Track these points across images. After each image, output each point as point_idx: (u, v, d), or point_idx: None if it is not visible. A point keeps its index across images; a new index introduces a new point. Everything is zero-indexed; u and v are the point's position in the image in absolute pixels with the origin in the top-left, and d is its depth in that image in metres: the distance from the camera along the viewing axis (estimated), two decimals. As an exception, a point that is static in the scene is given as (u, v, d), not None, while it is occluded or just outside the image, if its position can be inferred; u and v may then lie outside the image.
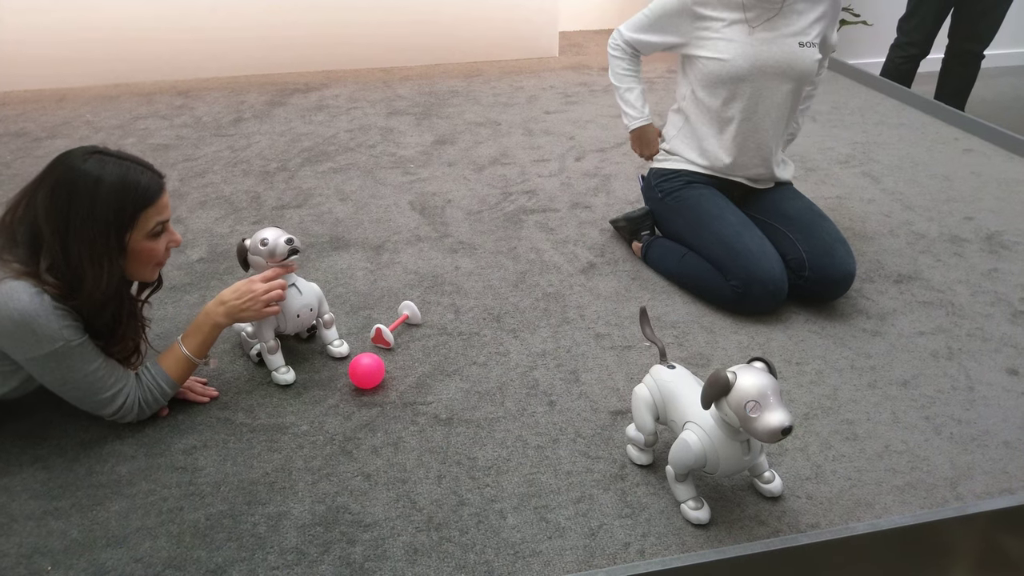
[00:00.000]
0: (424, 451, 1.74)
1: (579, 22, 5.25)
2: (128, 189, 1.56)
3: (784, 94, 2.26)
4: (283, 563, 1.47)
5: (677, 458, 1.52)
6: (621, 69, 2.47)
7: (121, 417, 1.72)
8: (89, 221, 1.54)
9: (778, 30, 2.21)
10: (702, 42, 2.25)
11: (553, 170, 3.14)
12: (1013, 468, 1.71)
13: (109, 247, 1.56)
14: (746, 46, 2.20)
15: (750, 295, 2.17)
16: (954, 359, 2.06)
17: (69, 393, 1.64)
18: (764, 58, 2.21)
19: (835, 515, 1.58)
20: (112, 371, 1.66)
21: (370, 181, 3.03)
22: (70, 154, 1.58)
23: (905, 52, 3.91)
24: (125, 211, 1.57)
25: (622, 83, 2.48)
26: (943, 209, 2.84)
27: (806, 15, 2.23)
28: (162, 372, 1.75)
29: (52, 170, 1.56)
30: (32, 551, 1.49)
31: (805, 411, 1.87)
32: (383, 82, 4.18)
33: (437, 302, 2.28)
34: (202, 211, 2.76)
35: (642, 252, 2.48)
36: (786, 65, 2.22)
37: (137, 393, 1.71)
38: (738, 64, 2.20)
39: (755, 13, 2.20)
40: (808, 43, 2.23)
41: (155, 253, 1.66)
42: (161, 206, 1.63)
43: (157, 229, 1.63)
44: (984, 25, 3.76)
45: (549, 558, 1.48)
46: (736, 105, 2.26)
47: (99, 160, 1.56)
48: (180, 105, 3.80)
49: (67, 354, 1.57)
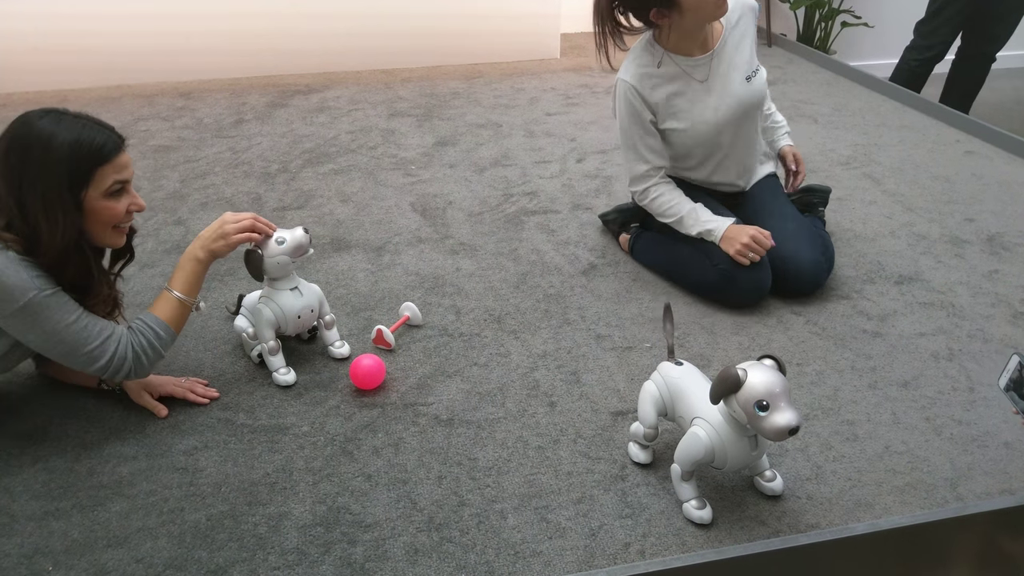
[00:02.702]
0: (425, 452, 1.74)
1: (581, 24, 5.24)
2: (83, 145, 1.56)
3: (747, 125, 2.32)
4: (284, 563, 1.47)
5: (685, 453, 1.52)
6: (667, 201, 2.30)
7: (117, 370, 1.66)
8: (42, 175, 1.54)
9: (723, 75, 2.24)
10: (666, 118, 2.27)
11: (554, 172, 3.14)
12: (1013, 469, 1.71)
13: (63, 201, 1.56)
14: (702, 111, 2.24)
15: (738, 280, 2.19)
16: (955, 360, 2.06)
17: (56, 349, 1.60)
18: (720, 115, 2.24)
19: (835, 515, 1.58)
20: (96, 322, 1.63)
21: (371, 182, 3.03)
22: (27, 114, 1.59)
23: (922, 55, 3.88)
24: (80, 167, 1.57)
25: (682, 207, 2.28)
26: (944, 211, 2.84)
27: (740, 47, 2.26)
28: (151, 315, 1.71)
29: (9, 129, 1.57)
30: (33, 551, 1.49)
31: (806, 412, 1.87)
32: (384, 84, 4.18)
33: (438, 303, 2.28)
34: (203, 212, 2.77)
35: (629, 244, 2.49)
36: (740, 103, 2.26)
37: (128, 340, 1.66)
38: (700, 130, 2.25)
39: (697, 71, 2.23)
40: (751, 73, 2.27)
41: (114, 213, 1.64)
42: (119, 165, 1.62)
43: (115, 188, 1.63)
44: (1001, 28, 3.76)
45: (549, 558, 1.49)
46: (707, 153, 2.33)
47: (55, 117, 1.57)
48: (181, 107, 3.81)
49: (42, 304, 1.55)
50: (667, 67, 2.22)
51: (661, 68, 2.22)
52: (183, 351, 2.05)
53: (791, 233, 2.28)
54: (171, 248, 2.53)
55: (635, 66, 2.25)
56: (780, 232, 2.27)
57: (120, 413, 1.84)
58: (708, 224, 2.24)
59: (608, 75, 4.31)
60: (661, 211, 2.31)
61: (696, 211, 2.27)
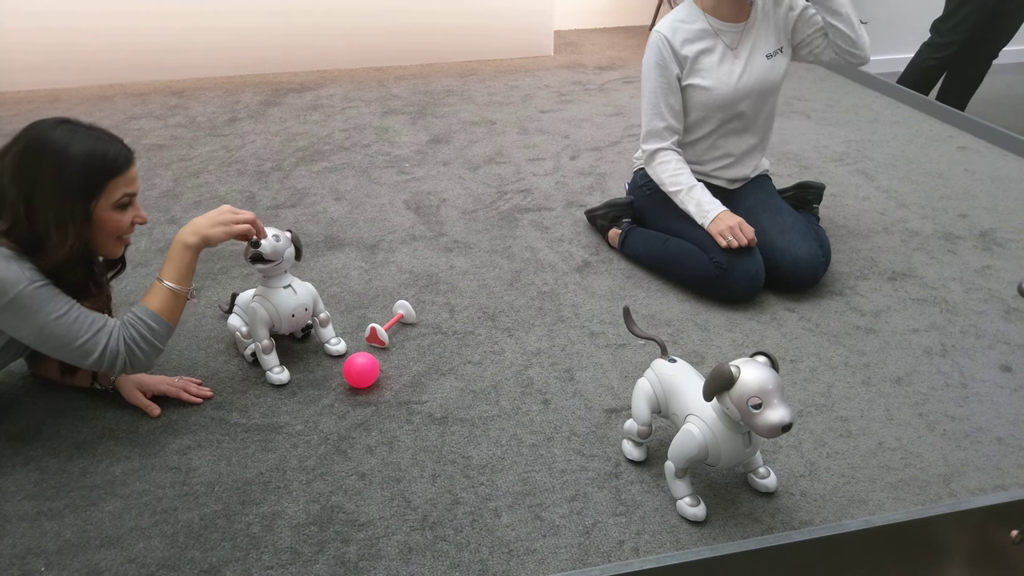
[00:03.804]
0: (419, 450, 1.74)
1: (574, 21, 5.25)
2: (97, 157, 1.59)
3: (768, 101, 2.37)
4: (277, 563, 1.47)
5: (679, 450, 1.52)
6: (673, 169, 2.32)
7: (111, 364, 1.63)
8: (56, 185, 1.55)
9: (750, 46, 2.31)
10: (692, 74, 2.30)
11: (548, 169, 3.14)
12: (1006, 464, 1.71)
13: (75, 213, 1.58)
14: (728, 74, 2.29)
15: (732, 273, 2.21)
16: (948, 356, 2.06)
17: (49, 343, 1.59)
18: (742, 82, 2.29)
19: (829, 512, 1.59)
20: (87, 314, 1.62)
21: (365, 180, 3.03)
22: (40, 122, 1.60)
23: (939, 52, 3.84)
24: (93, 178, 1.59)
25: (687, 180, 2.30)
26: (937, 206, 2.84)
27: (768, 26, 2.32)
28: (143, 307, 1.69)
29: (21, 137, 1.58)
30: (25, 552, 1.49)
31: (799, 408, 1.87)
32: (378, 81, 4.17)
33: (432, 301, 2.28)
34: (196, 211, 2.76)
35: (620, 239, 2.49)
36: (760, 81, 2.31)
37: (120, 332, 1.64)
38: (721, 92, 2.29)
39: (728, 36, 2.29)
40: (772, 54, 2.32)
41: (120, 225, 1.66)
42: (129, 178, 1.64)
43: (124, 200, 1.65)
44: (1010, 24, 3.76)
45: (543, 556, 1.49)
46: (724, 119, 2.35)
47: (70, 128, 1.59)
48: (175, 105, 3.80)
49: (33, 296, 1.54)
50: (701, 25, 2.28)
51: (696, 25, 2.28)
52: (176, 350, 2.05)
53: (787, 227, 2.28)
54: (164, 247, 2.53)
55: (671, 20, 2.31)
56: (777, 227, 2.28)
57: (113, 413, 1.83)
58: (706, 204, 2.28)
59: (600, 72, 4.31)
60: (664, 177, 2.34)
61: (697, 188, 2.31)
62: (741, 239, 2.20)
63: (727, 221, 2.23)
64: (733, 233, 2.20)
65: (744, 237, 2.20)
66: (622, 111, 3.76)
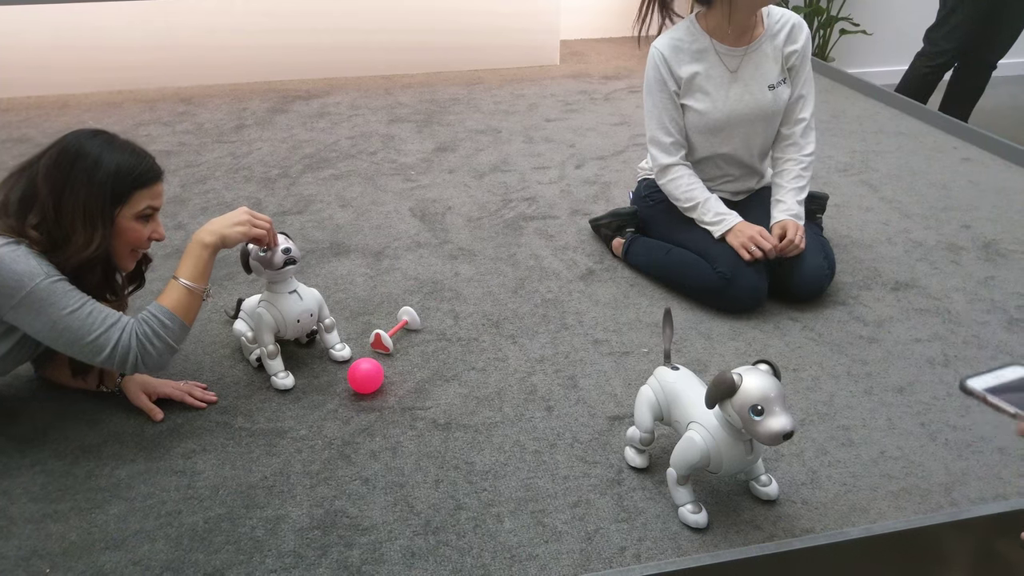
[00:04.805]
0: (422, 456, 1.75)
1: (580, 31, 5.27)
2: (128, 166, 1.66)
3: (758, 132, 2.34)
4: (281, 566, 1.48)
5: (681, 457, 1.53)
6: (686, 185, 2.32)
7: (123, 361, 1.63)
8: (86, 187, 1.61)
9: (751, 73, 2.28)
10: (687, 95, 2.30)
11: (553, 177, 3.15)
12: (1007, 474, 1.72)
13: (103, 214, 1.63)
14: (724, 99, 2.27)
15: (735, 284, 2.21)
16: (950, 366, 2.07)
17: (62, 338, 1.60)
18: (739, 108, 2.28)
19: (830, 520, 1.59)
20: (100, 310, 1.62)
21: (371, 188, 3.04)
22: (78, 131, 1.69)
23: (933, 61, 3.87)
24: (121, 186, 1.64)
25: (701, 193, 2.31)
26: (941, 217, 2.85)
27: (774, 57, 2.30)
28: (157, 304, 1.68)
29: (59, 142, 1.66)
30: (31, 554, 1.50)
31: (801, 417, 1.87)
32: (384, 89, 4.20)
33: (436, 308, 2.29)
34: (203, 217, 2.77)
35: (624, 248, 2.50)
36: (757, 109, 2.29)
37: (133, 328, 1.64)
38: (715, 117, 2.28)
39: (730, 59, 2.27)
40: (775, 84, 2.29)
41: (138, 236, 1.71)
42: (155, 192, 1.71)
43: (146, 212, 1.70)
44: (1006, 35, 3.77)
45: (545, 562, 1.49)
46: (717, 146, 2.35)
47: (107, 138, 1.68)
48: (182, 112, 3.83)
49: (48, 290, 1.56)
50: (702, 46, 2.26)
51: (696, 45, 2.26)
52: (182, 354, 2.06)
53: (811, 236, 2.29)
54: (171, 252, 2.54)
55: (670, 38, 2.29)
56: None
57: (119, 416, 1.85)
58: (721, 216, 2.28)
59: (606, 82, 4.33)
60: (678, 193, 2.33)
61: (712, 201, 2.31)
62: (764, 247, 2.20)
63: (747, 232, 2.23)
64: (755, 242, 2.21)
65: (767, 244, 2.21)
66: (627, 120, 3.77)
